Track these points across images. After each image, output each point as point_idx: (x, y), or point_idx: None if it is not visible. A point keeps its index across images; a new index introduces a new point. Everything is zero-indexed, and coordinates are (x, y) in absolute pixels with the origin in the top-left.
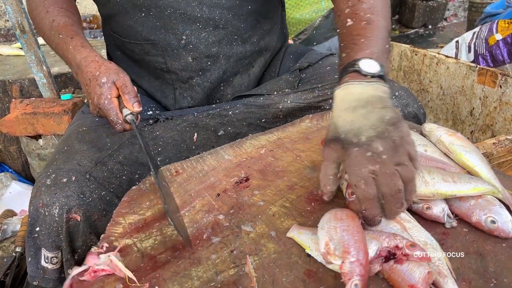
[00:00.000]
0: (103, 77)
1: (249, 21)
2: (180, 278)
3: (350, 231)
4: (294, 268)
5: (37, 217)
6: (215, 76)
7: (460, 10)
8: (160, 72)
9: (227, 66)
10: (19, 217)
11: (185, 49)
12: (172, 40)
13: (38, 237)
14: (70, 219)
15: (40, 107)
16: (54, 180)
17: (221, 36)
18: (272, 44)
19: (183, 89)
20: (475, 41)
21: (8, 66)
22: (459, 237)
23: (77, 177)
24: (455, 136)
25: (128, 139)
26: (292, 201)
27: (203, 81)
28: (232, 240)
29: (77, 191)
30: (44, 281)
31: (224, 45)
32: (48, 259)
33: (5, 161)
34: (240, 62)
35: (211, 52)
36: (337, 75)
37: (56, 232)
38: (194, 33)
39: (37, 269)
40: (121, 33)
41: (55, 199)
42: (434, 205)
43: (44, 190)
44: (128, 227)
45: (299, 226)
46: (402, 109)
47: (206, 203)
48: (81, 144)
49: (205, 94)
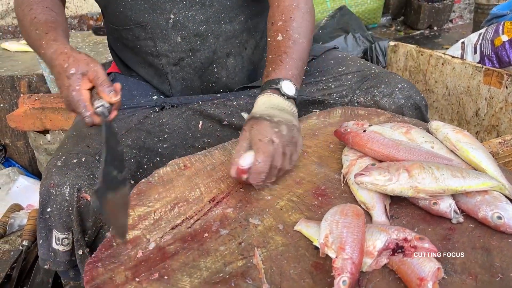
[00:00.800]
0: (71, 69)
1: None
2: (189, 269)
3: (351, 228)
4: (301, 261)
5: (48, 198)
6: (205, 56)
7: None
8: (151, 58)
9: (216, 46)
10: (25, 211)
11: (174, 29)
12: (161, 21)
13: (49, 218)
14: (80, 198)
15: (48, 102)
16: (64, 161)
17: (208, 14)
18: (261, 27)
19: (174, 72)
20: (481, 42)
21: (16, 62)
22: (465, 232)
23: (86, 158)
24: (461, 134)
25: (135, 125)
26: (299, 196)
27: (194, 61)
28: (240, 232)
29: (87, 171)
30: (55, 264)
31: (212, 23)
32: (59, 241)
33: (12, 156)
34: (230, 42)
35: (200, 31)
36: (340, 68)
37: (67, 212)
38: (181, 11)
39: (49, 252)
40: (115, 22)
41: (65, 179)
42: (441, 201)
43: (55, 171)
44: (137, 218)
45: (306, 219)
46: (405, 101)
47: (214, 196)
48: (89, 128)
49: (197, 75)
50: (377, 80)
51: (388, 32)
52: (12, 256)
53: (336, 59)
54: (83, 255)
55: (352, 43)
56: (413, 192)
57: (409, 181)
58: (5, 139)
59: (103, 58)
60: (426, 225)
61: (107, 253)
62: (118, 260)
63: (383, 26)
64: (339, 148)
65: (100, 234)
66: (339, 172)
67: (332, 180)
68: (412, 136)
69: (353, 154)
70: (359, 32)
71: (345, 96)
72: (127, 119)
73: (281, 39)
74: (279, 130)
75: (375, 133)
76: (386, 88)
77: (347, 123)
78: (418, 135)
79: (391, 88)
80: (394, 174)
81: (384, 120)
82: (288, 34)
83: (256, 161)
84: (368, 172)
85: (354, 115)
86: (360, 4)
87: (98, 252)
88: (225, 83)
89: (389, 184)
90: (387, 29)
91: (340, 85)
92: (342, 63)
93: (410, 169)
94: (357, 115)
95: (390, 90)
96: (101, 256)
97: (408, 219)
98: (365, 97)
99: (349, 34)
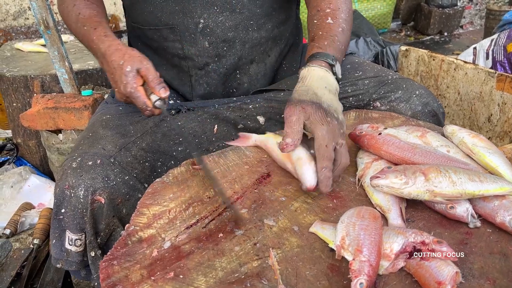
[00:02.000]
0: (127, 66)
1: (265, 7)
2: (204, 268)
3: (368, 231)
4: (317, 262)
5: (63, 199)
6: (231, 62)
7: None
8: (177, 59)
9: (242, 52)
10: (37, 210)
11: (202, 33)
12: (190, 24)
13: (63, 218)
14: (94, 201)
15: (61, 102)
16: (80, 163)
17: (238, 21)
18: (286, 35)
19: (199, 76)
20: (493, 48)
21: (30, 62)
22: (482, 237)
23: (102, 161)
24: (478, 138)
25: (151, 128)
26: (314, 197)
27: (219, 67)
28: (255, 233)
29: (102, 174)
30: (67, 264)
31: (240, 30)
32: (72, 241)
33: (24, 155)
34: (255, 49)
35: (227, 37)
36: (357, 73)
37: (81, 213)
38: (212, 16)
39: (61, 251)
40: (141, 21)
41: (80, 181)
42: (458, 205)
43: (70, 173)
44: (152, 217)
45: (321, 221)
46: (422, 107)
47: (229, 197)
48: (105, 130)
49: (221, 81)
50: (394, 85)
51: (398, 37)
52: (23, 254)
53: (353, 64)
54: (95, 256)
55: (363, 47)
56: (430, 196)
57: (426, 185)
58: (17, 138)
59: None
60: (442, 229)
61: (123, 251)
62: (133, 259)
63: (393, 31)
64: (354, 151)
65: (112, 236)
66: (354, 175)
67: (347, 182)
68: (427, 139)
69: (368, 157)
70: (370, 36)
71: (361, 100)
72: (143, 121)
73: (332, 23)
74: (343, 131)
75: (390, 136)
76: (403, 94)
77: (361, 126)
78: (434, 138)
79: (408, 94)
80: (410, 177)
81: (399, 124)
82: (338, 22)
83: (321, 168)
84: (384, 175)
85: (368, 118)
86: (370, 9)
87: (114, 250)
88: (246, 89)
89: (405, 187)
90: (397, 34)
91: (356, 89)
92: (359, 68)
93: (427, 172)
94: (371, 118)
95: (407, 96)
96: (117, 254)
97: (424, 223)
98: (381, 102)
99: (360, 38)
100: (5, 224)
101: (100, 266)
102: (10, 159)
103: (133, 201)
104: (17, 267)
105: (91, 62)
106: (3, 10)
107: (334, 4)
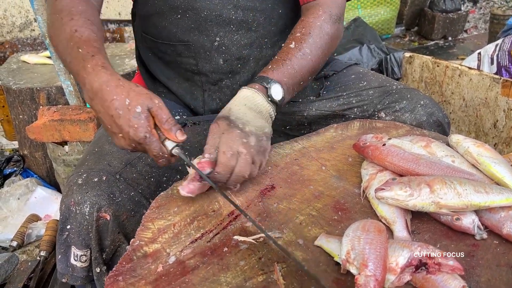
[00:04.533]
0: (136, 106)
1: (279, 25)
2: (209, 284)
3: (374, 245)
4: (322, 276)
5: (69, 215)
6: (244, 79)
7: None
8: (191, 74)
9: (256, 69)
10: (43, 222)
11: (217, 51)
12: (206, 42)
13: (68, 235)
14: (100, 217)
15: (67, 114)
16: (85, 179)
17: (253, 39)
18: None
19: (212, 91)
20: (497, 53)
21: (36, 74)
22: (489, 249)
23: (107, 177)
24: (483, 147)
25: None
26: (318, 210)
27: (232, 83)
28: (260, 247)
29: (107, 191)
30: (72, 279)
31: (254, 48)
32: (77, 257)
33: (30, 167)
34: None
35: (242, 55)
36: (362, 83)
37: (86, 230)
38: (228, 35)
39: (67, 267)
40: (155, 34)
41: (86, 198)
42: (464, 217)
43: (76, 189)
44: (157, 232)
45: (327, 234)
46: (427, 117)
47: (233, 210)
48: (111, 146)
49: (233, 96)
50: (399, 95)
51: (402, 43)
52: (29, 266)
53: (358, 74)
54: (100, 272)
55: (367, 54)
56: (435, 208)
57: (431, 196)
58: (23, 150)
59: (120, 71)
60: (448, 241)
61: (128, 267)
62: (138, 274)
63: (397, 37)
64: (358, 162)
65: (117, 252)
66: (359, 186)
67: (352, 194)
68: (432, 149)
69: (373, 168)
70: (374, 43)
71: (366, 110)
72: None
73: (292, 47)
74: (247, 141)
75: (394, 146)
76: (408, 104)
77: (365, 136)
78: (438, 148)
79: (413, 104)
80: (415, 189)
81: (403, 133)
82: (301, 46)
83: (215, 171)
84: (389, 187)
85: (372, 128)
86: (374, 15)
87: (119, 266)
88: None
89: (411, 199)
90: (400, 40)
91: (361, 100)
92: (364, 79)
93: (432, 184)
94: (375, 128)
95: (412, 106)
96: (122, 270)
97: (430, 235)
98: (386, 112)
99: (364, 46)
100: (12, 236)
101: (106, 282)
102: (17, 171)
103: (138, 217)
104: (24, 279)
105: None
106: (10, 22)
107: (306, 28)
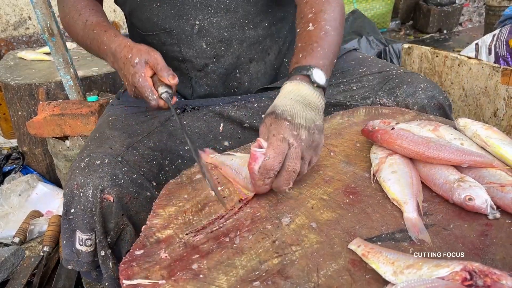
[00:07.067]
0: (135, 58)
1: (260, 5)
2: (224, 267)
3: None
4: (338, 258)
5: (72, 199)
6: (229, 62)
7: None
8: (177, 62)
9: (240, 51)
10: (45, 217)
11: (199, 35)
12: (186, 27)
13: (73, 218)
14: (103, 199)
15: (67, 109)
16: (87, 163)
17: (233, 20)
18: (284, 32)
19: (198, 77)
20: (495, 43)
21: (34, 70)
22: (502, 227)
23: (109, 160)
24: (491, 130)
25: (157, 127)
26: (329, 194)
27: (218, 68)
28: (273, 231)
29: (110, 173)
30: (78, 264)
31: (236, 29)
32: (82, 241)
33: (30, 163)
34: (253, 48)
35: (224, 37)
36: (361, 69)
37: (90, 213)
38: (207, 17)
39: (72, 252)
40: (141, 27)
41: (89, 180)
42: (477, 197)
43: (79, 173)
44: (168, 218)
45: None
46: (428, 101)
47: (243, 195)
48: (112, 130)
49: (220, 81)
50: (399, 80)
51: (398, 37)
52: (33, 262)
53: (357, 60)
54: (105, 256)
55: (366, 46)
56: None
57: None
58: (23, 147)
59: None
60: (461, 222)
61: (141, 253)
62: (152, 259)
63: (393, 31)
64: (366, 147)
65: (122, 236)
66: (368, 171)
67: (362, 178)
68: (440, 133)
69: (382, 152)
70: (372, 35)
71: (367, 97)
72: (149, 121)
73: (312, 29)
74: (298, 134)
75: (404, 130)
76: (409, 88)
77: (373, 122)
78: (447, 132)
79: (413, 88)
80: None
81: (409, 119)
82: (320, 25)
83: (265, 156)
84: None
85: (379, 114)
86: (369, 9)
87: (132, 252)
88: (247, 89)
89: None
90: (396, 34)
91: (361, 86)
92: (363, 64)
93: None
94: (382, 114)
95: (413, 90)
96: (135, 256)
97: (442, 215)
98: (387, 98)
99: (362, 37)
100: (13, 232)
101: (120, 268)
102: (16, 168)
103: (142, 199)
104: (27, 275)
105: (95, 68)
106: (4, 20)
107: (316, 7)
